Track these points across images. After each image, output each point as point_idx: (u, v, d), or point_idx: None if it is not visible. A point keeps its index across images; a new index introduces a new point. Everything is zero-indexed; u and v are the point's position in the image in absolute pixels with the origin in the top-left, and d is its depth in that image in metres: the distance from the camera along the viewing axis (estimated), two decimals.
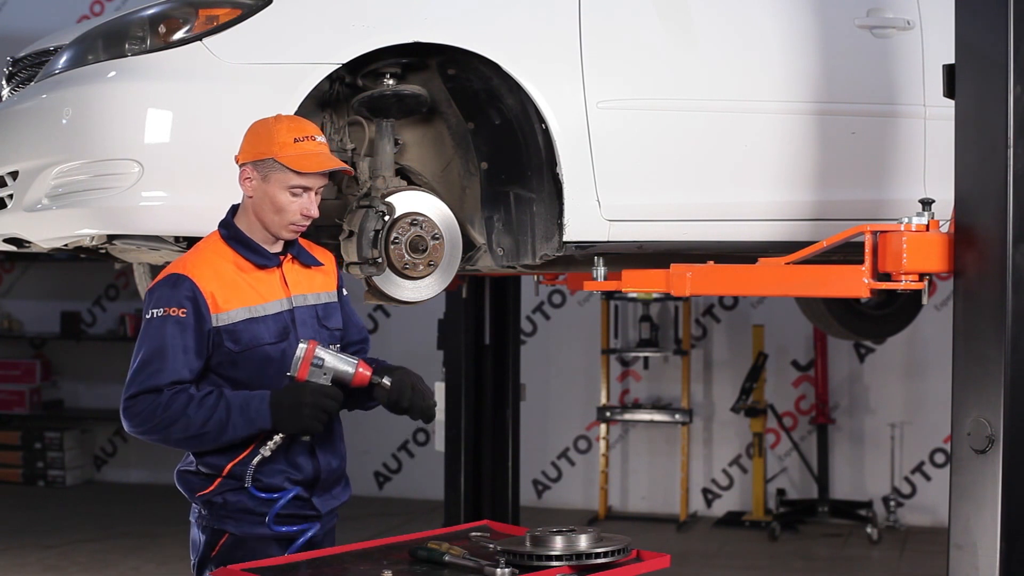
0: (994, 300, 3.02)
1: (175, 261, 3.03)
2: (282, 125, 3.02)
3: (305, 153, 3.00)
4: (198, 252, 3.05)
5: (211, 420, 2.96)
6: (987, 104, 3.06)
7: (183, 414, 2.96)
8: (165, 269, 3.00)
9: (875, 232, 3.39)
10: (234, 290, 2.99)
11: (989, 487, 2.99)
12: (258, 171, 3.00)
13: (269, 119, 3.04)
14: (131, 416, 3.01)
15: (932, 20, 4.19)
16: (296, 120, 3.07)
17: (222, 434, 2.97)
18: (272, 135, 2.99)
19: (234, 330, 2.99)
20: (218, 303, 2.97)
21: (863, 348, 7.83)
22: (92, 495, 8.86)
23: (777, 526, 7.38)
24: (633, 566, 2.75)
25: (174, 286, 2.95)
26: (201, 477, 3.08)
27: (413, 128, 3.86)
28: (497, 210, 3.83)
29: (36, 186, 3.42)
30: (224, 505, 3.05)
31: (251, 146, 3.02)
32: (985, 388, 3.03)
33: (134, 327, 8.82)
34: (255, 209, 3.04)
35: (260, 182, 3.01)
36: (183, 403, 2.95)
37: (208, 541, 3.06)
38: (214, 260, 3.01)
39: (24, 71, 3.76)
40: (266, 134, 3.00)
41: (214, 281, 2.97)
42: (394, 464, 8.63)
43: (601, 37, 3.72)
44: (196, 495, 3.10)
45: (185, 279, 2.95)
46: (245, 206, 3.06)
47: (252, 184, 3.02)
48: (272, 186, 3.00)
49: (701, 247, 3.99)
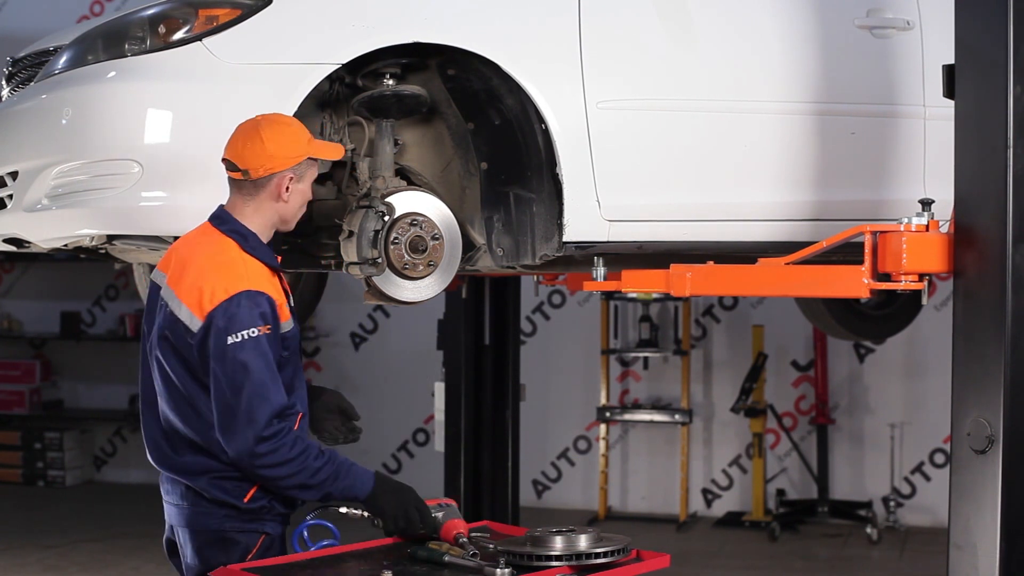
0: (994, 300, 3.02)
1: (229, 278, 2.95)
2: (295, 123, 3.12)
3: (324, 143, 3.18)
4: (244, 265, 3.00)
5: (322, 470, 2.93)
6: (987, 104, 3.06)
7: (310, 462, 2.93)
8: (224, 287, 2.93)
9: (875, 232, 3.39)
10: (281, 297, 3.04)
11: (989, 487, 2.99)
12: (296, 173, 3.07)
13: (275, 123, 3.07)
14: (277, 448, 2.90)
15: (932, 20, 4.19)
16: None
17: (322, 488, 2.94)
18: (299, 134, 3.08)
19: (286, 336, 3.02)
20: (280, 313, 3.00)
21: (863, 348, 7.83)
22: (92, 495, 8.86)
23: (777, 526, 7.38)
24: (633, 566, 2.76)
25: (254, 303, 2.94)
26: (237, 481, 3.00)
27: (413, 128, 3.86)
28: (497, 210, 3.83)
29: (36, 186, 3.42)
30: (270, 508, 3.01)
31: (288, 152, 3.05)
32: (985, 388, 3.02)
33: (134, 327, 8.83)
34: (283, 213, 3.09)
35: (297, 183, 3.08)
36: (313, 450, 2.94)
37: (244, 546, 3.00)
38: (259, 270, 3.02)
39: (24, 71, 3.76)
40: (295, 136, 3.08)
41: (273, 292, 3.00)
42: (394, 464, 8.64)
43: (601, 37, 3.72)
44: (243, 500, 2.99)
45: (262, 295, 2.95)
46: (263, 210, 3.07)
47: (292, 188, 3.08)
48: (305, 183, 3.11)
49: (701, 247, 3.99)
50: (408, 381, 8.43)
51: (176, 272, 3.04)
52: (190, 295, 2.96)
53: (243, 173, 3.04)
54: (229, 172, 3.08)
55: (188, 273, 3.00)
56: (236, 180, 3.07)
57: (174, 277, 3.04)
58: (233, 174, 3.07)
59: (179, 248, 3.13)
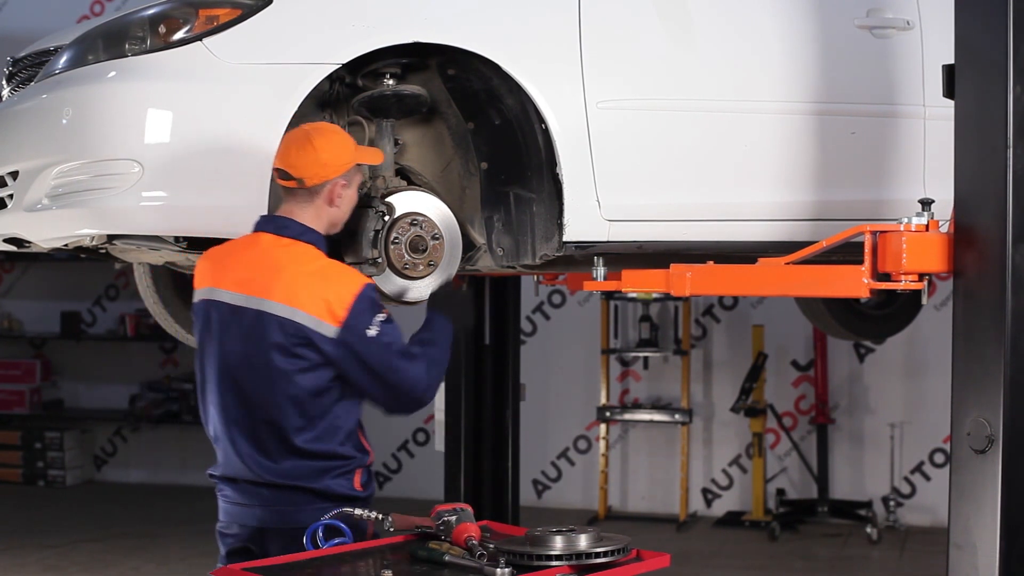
0: (994, 300, 3.02)
1: (344, 281, 3.19)
2: (342, 131, 3.35)
3: (367, 148, 3.48)
4: (341, 265, 3.30)
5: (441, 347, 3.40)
6: (987, 104, 3.06)
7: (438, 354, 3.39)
8: (349, 290, 3.17)
9: (875, 232, 3.39)
10: None
11: (989, 487, 2.99)
12: (346, 179, 3.28)
13: (324, 131, 3.30)
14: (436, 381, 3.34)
15: (932, 20, 4.19)
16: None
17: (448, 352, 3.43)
18: (347, 141, 3.30)
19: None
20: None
21: (863, 348, 7.84)
22: (92, 495, 8.86)
23: (777, 526, 7.38)
24: (633, 566, 2.76)
25: (371, 294, 3.22)
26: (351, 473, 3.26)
27: (413, 128, 3.86)
28: (497, 210, 3.83)
29: (36, 186, 3.42)
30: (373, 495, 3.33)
31: (339, 159, 3.25)
32: (985, 388, 3.02)
33: (134, 327, 8.83)
34: (334, 217, 3.30)
35: (347, 189, 3.30)
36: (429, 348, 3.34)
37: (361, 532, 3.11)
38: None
39: (24, 71, 3.76)
40: (344, 143, 3.29)
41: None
42: (394, 464, 8.64)
43: (601, 37, 3.72)
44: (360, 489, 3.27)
45: (368, 283, 3.23)
46: (320, 216, 3.27)
47: (343, 194, 3.29)
48: (353, 188, 3.34)
49: (701, 247, 3.99)
50: None
51: (261, 284, 3.18)
52: (313, 304, 3.14)
53: (298, 182, 3.22)
54: (282, 181, 3.24)
55: (290, 283, 3.16)
56: (290, 189, 3.23)
57: (261, 288, 3.17)
58: (287, 183, 3.23)
59: (247, 260, 3.24)
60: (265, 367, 3.17)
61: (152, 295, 4.42)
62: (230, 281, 3.25)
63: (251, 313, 3.19)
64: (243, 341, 3.20)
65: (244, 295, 3.21)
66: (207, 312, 3.28)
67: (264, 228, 3.27)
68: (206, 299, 3.29)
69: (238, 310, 3.21)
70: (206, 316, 3.29)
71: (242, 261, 3.26)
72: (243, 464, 3.22)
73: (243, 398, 3.22)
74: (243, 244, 3.30)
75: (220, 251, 3.35)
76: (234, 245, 3.32)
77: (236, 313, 3.21)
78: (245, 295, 3.21)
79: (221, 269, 3.29)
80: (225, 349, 3.23)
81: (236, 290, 3.23)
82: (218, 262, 3.32)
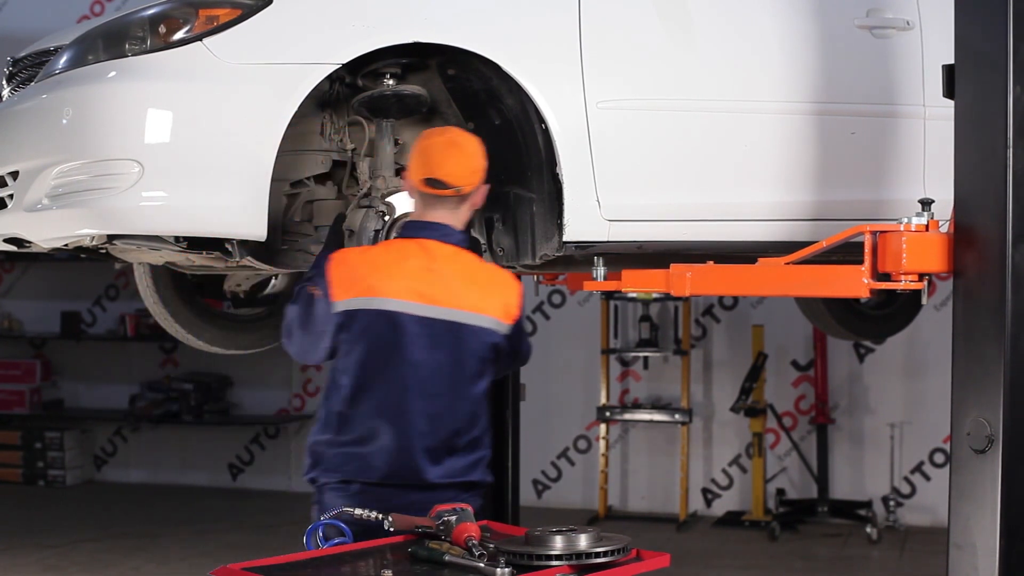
0: (994, 300, 3.02)
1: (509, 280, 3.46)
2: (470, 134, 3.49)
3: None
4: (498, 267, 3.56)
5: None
6: (987, 104, 3.06)
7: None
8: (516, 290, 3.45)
9: (875, 232, 3.39)
10: None
11: (989, 487, 2.99)
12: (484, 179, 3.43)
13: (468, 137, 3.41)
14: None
15: (932, 20, 4.19)
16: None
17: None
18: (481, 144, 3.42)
19: None
20: None
21: (863, 348, 7.84)
22: (92, 495, 8.86)
23: (777, 526, 7.38)
24: (633, 565, 2.76)
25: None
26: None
27: (413, 128, 3.86)
28: (497, 210, 3.83)
29: (36, 186, 3.42)
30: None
31: (485, 161, 3.39)
32: (985, 388, 3.02)
33: (134, 327, 8.83)
34: (470, 218, 3.47)
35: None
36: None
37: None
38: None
39: (24, 71, 3.76)
40: (481, 145, 3.40)
41: None
42: None
43: (601, 37, 3.72)
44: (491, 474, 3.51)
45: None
46: (466, 218, 3.43)
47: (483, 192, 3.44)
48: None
49: (701, 247, 3.99)
50: None
51: (449, 294, 3.31)
52: (497, 309, 3.37)
53: (456, 190, 3.32)
54: (435, 190, 3.30)
55: (477, 293, 3.35)
56: (442, 196, 3.33)
57: (450, 299, 3.31)
58: (443, 192, 3.32)
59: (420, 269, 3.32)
60: (458, 375, 3.32)
61: (152, 295, 4.42)
62: (406, 291, 3.29)
63: (442, 324, 3.29)
64: (432, 351, 3.29)
65: (433, 306, 3.29)
66: (369, 321, 3.28)
67: (427, 235, 3.34)
68: (370, 308, 3.29)
69: (426, 321, 3.28)
70: (366, 325, 3.28)
71: (413, 271, 3.31)
72: (411, 467, 3.29)
73: (428, 404, 3.30)
74: (407, 252, 3.33)
75: (374, 257, 3.35)
76: (394, 253, 3.34)
77: (423, 324, 3.28)
78: (434, 306, 3.29)
79: (386, 277, 3.30)
80: (413, 359, 3.28)
81: (420, 301, 3.29)
82: (379, 269, 3.32)
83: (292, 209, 3.77)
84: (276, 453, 8.98)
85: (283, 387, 8.96)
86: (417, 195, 3.39)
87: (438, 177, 3.31)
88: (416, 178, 3.35)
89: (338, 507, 3.13)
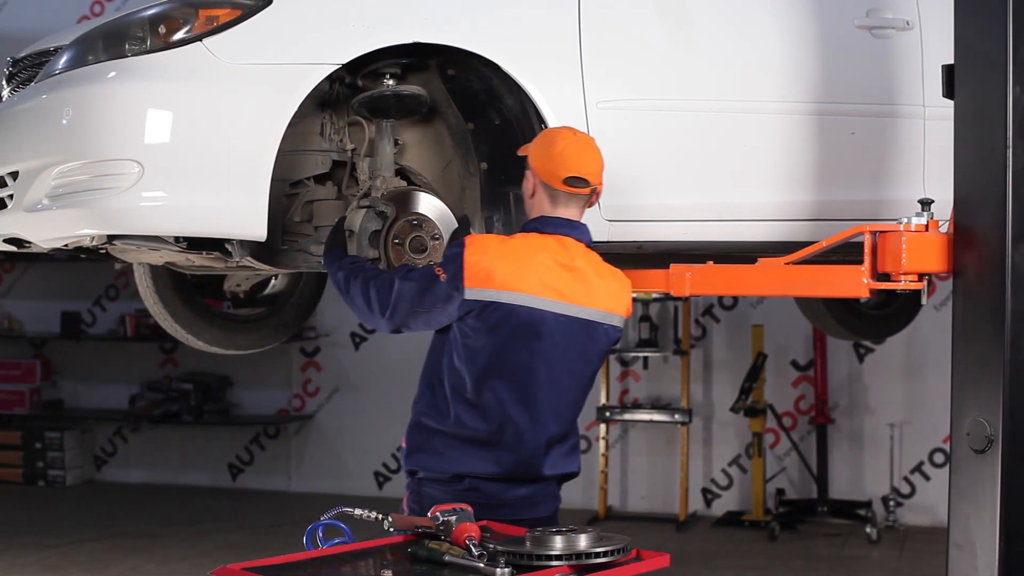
0: (994, 300, 3.02)
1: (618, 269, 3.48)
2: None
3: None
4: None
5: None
6: (987, 104, 3.06)
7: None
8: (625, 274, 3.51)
9: (874, 232, 3.39)
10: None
11: (988, 487, 2.99)
12: None
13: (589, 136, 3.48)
14: None
15: (931, 20, 4.19)
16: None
17: None
18: None
19: None
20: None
21: (862, 348, 7.84)
22: (92, 495, 8.86)
23: (776, 526, 7.38)
24: (633, 565, 2.76)
25: None
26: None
27: (413, 128, 3.86)
28: (497, 210, 3.83)
29: (36, 186, 3.42)
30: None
31: None
32: (984, 388, 3.03)
33: (134, 327, 8.83)
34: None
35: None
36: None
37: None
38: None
39: (24, 71, 3.76)
40: None
41: None
42: (394, 464, 8.63)
43: (601, 37, 3.73)
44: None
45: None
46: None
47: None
48: None
49: (701, 247, 4.00)
50: (408, 381, 8.37)
51: (588, 293, 3.35)
52: (621, 306, 3.45)
53: (592, 188, 3.38)
54: (576, 189, 3.36)
55: (609, 291, 3.41)
56: (579, 195, 3.38)
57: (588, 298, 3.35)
58: (582, 190, 3.37)
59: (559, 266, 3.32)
60: (586, 370, 3.38)
61: (152, 295, 4.42)
62: (545, 288, 3.29)
63: (577, 321, 3.33)
64: (565, 346, 3.32)
65: (571, 304, 3.32)
66: (504, 314, 3.27)
67: (564, 232, 3.37)
68: (507, 302, 3.27)
69: (562, 318, 3.31)
70: (502, 317, 3.27)
71: (552, 267, 3.31)
72: (535, 460, 3.34)
73: (556, 398, 3.34)
74: (545, 247, 3.33)
75: (514, 250, 3.31)
76: (533, 247, 3.33)
77: (559, 320, 3.30)
78: (572, 304, 3.33)
79: (527, 272, 3.29)
80: (545, 353, 3.30)
81: (559, 298, 3.31)
82: (519, 262, 3.29)
83: (292, 209, 3.77)
84: (276, 453, 8.98)
85: (283, 387, 8.96)
86: (547, 193, 3.38)
87: (581, 175, 3.35)
88: (555, 176, 3.35)
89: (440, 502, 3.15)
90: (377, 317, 3.34)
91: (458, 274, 3.25)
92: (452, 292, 3.25)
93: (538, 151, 3.40)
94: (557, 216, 3.39)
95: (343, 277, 3.39)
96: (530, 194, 3.43)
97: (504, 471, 3.31)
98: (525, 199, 3.46)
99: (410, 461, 3.38)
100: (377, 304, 3.31)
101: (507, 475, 3.32)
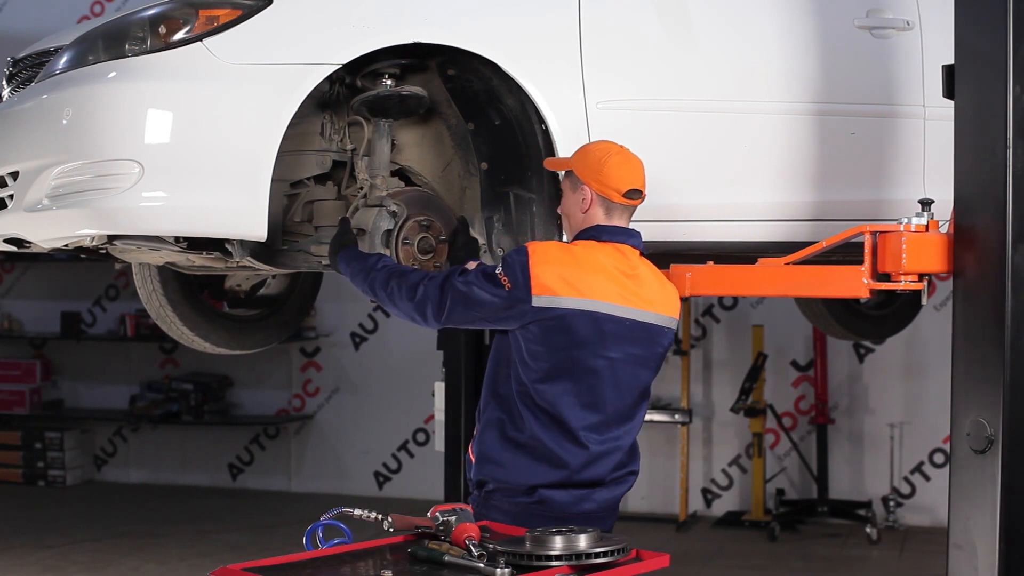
0: (994, 300, 3.02)
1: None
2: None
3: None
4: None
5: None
6: (987, 104, 3.06)
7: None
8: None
9: (875, 232, 3.39)
10: None
11: (988, 487, 3.00)
12: None
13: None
14: None
15: (932, 20, 4.19)
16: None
17: None
18: None
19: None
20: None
21: (862, 348, 7.84)
22: (92, 495, 8.86)
23: (776, 526, 7.38)
24: (633, 566, 2.76)
25: None
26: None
27: (413, 128, 3.86)
28: (497, 210, 3.83)
29: (36, 186, 3.42)
30: None
31: None
32: (984, 388, 3.03)
33: (134, 327, 8.83)
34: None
35: None
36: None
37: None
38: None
39: (24, 71, 3.76)
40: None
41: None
42: (394, 464, 8.64)
43: (601, 37, 3.73)
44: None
45: None
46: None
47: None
48: None
49: (701, 247, 4.00)
50: (408, 381, 8.43)
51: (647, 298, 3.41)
52: (676, 310, 3.51)
53: (642, 199, 3.47)
54: (633, 201, 3.45)
55: (668, 296, 3.49)
56: (629, 206, 3.45)
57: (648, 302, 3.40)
58: (639, 201, 3.46)
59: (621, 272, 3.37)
60: (648, 375, 3.42)
61: (159, 298, 4.39)
62: (612, 294, 3.33)
63: (640, 325, 3.37)
64: (632, 352, 3.36)
65: (635, 308, 3.36)
66: (572, 320, 3.28)
67: (622, 240, 3.42)
68: (576, 308, 3.29)
69: (627, 323, 3.34)
70: (570, 324, 3.28)
71: (615, 273, 3.36)
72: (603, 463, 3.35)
73: (619, 399, 3.36)
74: (607, 254, 3.37)
75: (579, 258, 3.34)
76: (597, 255, 3.36)
77: (623, 325, 3.34)
78: (636, 308, 3.36)
79: (593, 279, 3.32)
80: (611, 357, 3.33)
81: (624, 303, 3.35)
82: (585, 270, 3.32)
83: (292, 209, 3.77)
84: (276, 453, 8.99)
85: (283, 387, 8.96)
86: (603, 205, 3.42)
87: (636, 187, 3.43)
88: (615, 190, 3.40)
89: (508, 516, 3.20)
90: (429, 320, 3.33)
91: (525, 283, 3.26)
92: (518, 301, 3.26)
93: (591, 168, 3.42)
94: (613, 224, 3.43)
95: (380, 278, 3.35)
96: (584, 208, 3.45)
97: (571, 476, 3.31)
98: (573, 212, 3.48)
99: (481, 472, 3.38)
100: (431, 308, 3.29)
101: (574, 481, 3.32)
